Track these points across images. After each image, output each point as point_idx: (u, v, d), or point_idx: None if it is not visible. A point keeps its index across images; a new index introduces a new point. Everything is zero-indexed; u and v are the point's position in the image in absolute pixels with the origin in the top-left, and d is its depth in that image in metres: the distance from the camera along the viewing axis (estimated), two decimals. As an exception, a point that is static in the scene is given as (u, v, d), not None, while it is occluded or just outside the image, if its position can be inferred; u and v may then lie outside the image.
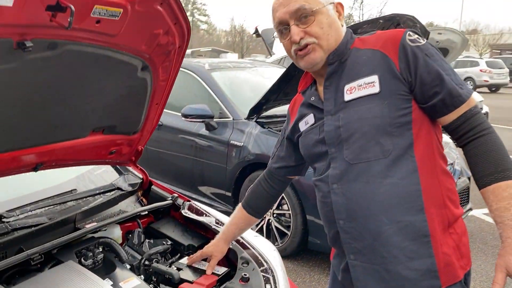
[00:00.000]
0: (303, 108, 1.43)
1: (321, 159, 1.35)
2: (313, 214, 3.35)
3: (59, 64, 1.31)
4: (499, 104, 14.85)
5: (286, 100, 3.94)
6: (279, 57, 8.89)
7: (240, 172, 3.85)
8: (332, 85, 1.31)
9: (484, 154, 1.19)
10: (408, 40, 1.21)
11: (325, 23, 1.27)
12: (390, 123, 1.20)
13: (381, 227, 1.22)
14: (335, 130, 1.28)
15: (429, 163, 1.24)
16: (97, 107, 1.62)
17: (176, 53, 1.68)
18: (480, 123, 1.21)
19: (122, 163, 2.06)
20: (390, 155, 1.21)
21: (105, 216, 1.90)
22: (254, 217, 1.69)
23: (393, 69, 1.21)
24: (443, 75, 1.20)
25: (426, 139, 1.24)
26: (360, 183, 1.24)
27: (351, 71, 1.28)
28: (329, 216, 1.33)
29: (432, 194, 1.22)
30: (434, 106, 1.21)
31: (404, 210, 1.21)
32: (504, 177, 1.15)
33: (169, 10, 1.45)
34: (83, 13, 1.18)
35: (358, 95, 1.24)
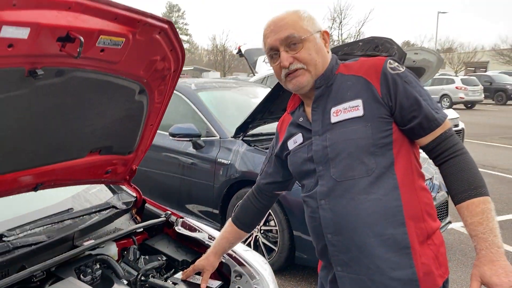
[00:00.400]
0: (292, 128, 1.53)
1: (309, 177, 1.44)
2: (299, 230, 3.44)
3: (64, 90, 1.40)
4: (475, 120, 15.30)
5: (271, 119, 4.06)
6: (262, 76, 9.06)
7: (227, 190, 3.93)
8: (319, 108, 1.41)
9: (458, 172, 1.29)
10: (389, 68, 1.33)
11: (312, 50, 1.37)
12: (373, 143, 1.31)
13: (365, 240, 1.32)
14: (323, 150, 1.37)
15: (409, 180, 1.35)
16: (96, 128, 1.70)
17: (171, 77, 1.78)
18: (454, 144, 1.32)
19: (117, 182, 2.13)
20: (373, 173, 1.31)
21: (102, 234, 1.96)
22: (243, 231, 1.76)
23: (375, 95, 1.32)
24: (421, 100, 1.31)
25: (405, 158, 1.35)
26: (346, 199, 1.33)
27: (337, 94, 1.38)
28: (318, 230, 1.42)
29: (411, 209, 1.33)
30: (412, 128, 1.33)
31: (386, 224, 1.31)
32: (477, 194, 1.26)
33: (166, 39, 1.56)
34: (90, 43, 1.28)
35: (344, 118, 1.35)
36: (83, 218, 1.99)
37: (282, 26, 1.37)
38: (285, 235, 3.52)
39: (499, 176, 7.42)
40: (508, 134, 12.31)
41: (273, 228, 3.63)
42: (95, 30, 1.26)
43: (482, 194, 1.27)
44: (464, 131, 7.59)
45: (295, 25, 1.37)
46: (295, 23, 1.37)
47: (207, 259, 1.75)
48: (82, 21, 1.21)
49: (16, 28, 1.06)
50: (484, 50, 47.99)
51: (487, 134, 12.05)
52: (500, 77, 26.18)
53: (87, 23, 1.23)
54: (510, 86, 24.26)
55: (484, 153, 9.20)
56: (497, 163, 8.33)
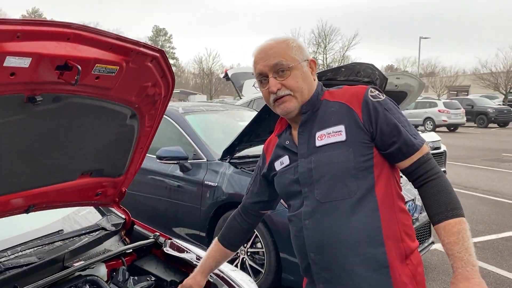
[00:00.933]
0: (279, 150, 1.60)
1: (295, 197, 1.51)
2: (286, 252, 3.48)
3: (60, 115, 1.46)
4: (458, 143, 15.62)
5: (257, 142, 4.14)
6: (249, 100, 9.19)
7: (214, 212, 3.96)
8: (305, 132, 1.48)
9: (435, 195, 1.37)
10: (370, 96, 1.42)
11: (299, 78, 1.45)
12: (355, 167, 1.38)
13: (346, 259, 1.39)
14: (308, 172, 1.44)
15: (388, 202, 1.42)
16: (88, 151, 1.76)
17: (161, 102, 1.86)
18: (432, 168, 1.40)
19: (107, 204, 2.18)
20: (355, 195, 1.38)
21: (91, 255, 1.99)
22: (229, 250, 1.79)
23: (357, 121, 1.40)
24: (400, 127, 1.39)
25: (386, 181, 1.43)
26: (329, 219, 1.41)
27: (322, 120, 1.46)
28: (302, 249, 1.49)
29: (390, 230, 1.40)
30: (392, 153, 1.40)
31: (366, 244, 1.38)
32: (452, 215, 1.34)
33: (157, 66, 1.64)
34: (86, 71, 1.36)
35: (328, 142, 1.42)
36: (73, 240, 2.03)
37: (271, 54, 1.45)
38: (271, 257, 3.56)
39: (480, 197, 7.58)
40: (489, 156, 12.60)
41: (260, 250, 3.67)
42: (91, 59, 1.34)
43: (458, 215, 1.34)
44: (446, 154, 7.76)
45: (283, 53, 1.44)
46: (284, 52, 1.44)
47: (194, 278, 1.77)
48: (79, 51, 1.30)
49: (19, 58, 1.14)
50: (466, 74, 49.26)
51: (469, 156, 12.31)
52: (481, 100, 26.89)
53: (84, 52, 1.31)
54: (491, 110, 24.90)
55: (466, 175, 9.39)
56: (479, 185, 8.51)
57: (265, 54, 1.47)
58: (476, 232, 5.55)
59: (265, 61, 1.46)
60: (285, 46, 1.46)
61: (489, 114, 24.69)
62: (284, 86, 1.45)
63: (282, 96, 1.46)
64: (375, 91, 1.44)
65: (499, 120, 24.68)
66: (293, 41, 1.49)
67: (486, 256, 4.74)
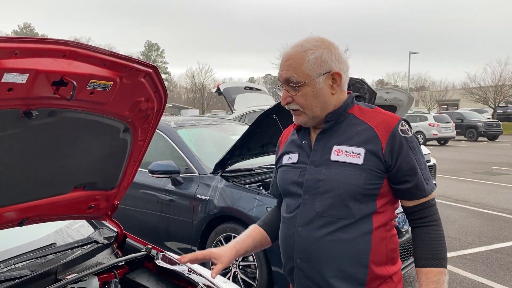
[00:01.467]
0: (292, 146, 1.59)
1: (293, 198, 1.52)
2: (278, 265, 3.50)
3: (55, 129, 1.50)
4: (448, 156, 15.78)
5: (249, 155, 4.19)
6: (240, 114, 9.26)
7: (206, 226, 3.98)
8: (323, 140, 1.48)
9: (428, 241, 1.43)
10: (400, 130, 1.41)
11: (310, 95, 1.43)
12: (361, 192, 1.40)
13: (329, 273, 1.43)
14: (315, 182, 1.45)
15: (383, 229, 1.45)
16: (81, 165, 1.79)
17: (154, 117, 1.90)
18: (432, 214, 1.46)
19: (99, 217, 2.20)
20: (353, 217, 1.41)
21: (84, 268, 2.00)
22: (268, 237, 1.71)
23: (379, 150, 1.40)
24: (418, 169, 1.42)
25: (385, 210, 1.46)
26: (322, 233, 1.43)
27: (344, 134, 1.45)
28: (289, 252, 1.52)
29: (378, 254, 1.43)
30: (401, 190, 1.44)
31: (352, 263, 1.41)
32: (438, 265, 1.41)
33: (150, 81, 1.69)
34: (81, 86, 1.40)
35: (343, 160, 1.42)
36: (65, 253, 2.04)
37: (287, 66, 1.43)
38: (263, 271, 3.58)
39: (470, 209, 7.66)
40: (479, 169, 12.74)
41: (252, 264, 3.68)
42: (87, 75, 1.39)
43: (442, 266, 1.41)
44: (436, 167, 7.85)
45: (297, 68, 1.41)
46: (298, 67, 1.41)
47: (226, 251, 1.61)
48: (75, 67, 1.34)
49: (17, 74, 1.18)
50: (455, 88, 49.91)
51: (459, 170, 12.44)
52: (471, 114, 27.27)
53: (79, 68, 1.35)
54: (480, 123, 25.25)
55: (456, 188, 9.49)
56: (469, 198, 8.60)
57: (282, 63, 1.46)
58: (467, 244, 5.61)
59: (281, 71, 1.46)
60: (300, 59, 1.41)
61: (478, 127, 25.02)
62: (294, 101, 1.46)
63: (293, 109, 1.48)
64: (405, 125, 1.44)
65: (489, 134, 25.01)
66: (314, 51, 1.42)
67: (476, 268, 4.78)
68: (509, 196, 8.83)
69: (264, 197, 3.68)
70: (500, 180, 10.79)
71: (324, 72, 1.42)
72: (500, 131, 25.48)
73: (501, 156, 16.56)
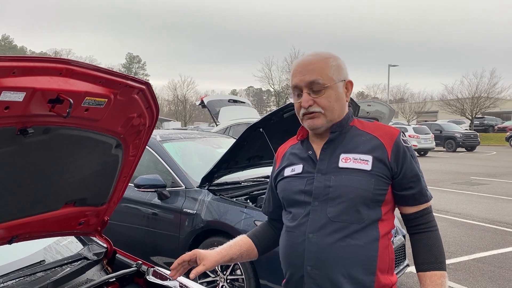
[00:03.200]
0: (294, 158, 1.63)
1: (299, 207, 1.54)
2: (266, 278, 3.50)
3: (49, 146, 1.50)
4: (428, 167, 16.02)
5: (236, 168, 4.21)
6: (225, 127, 9.29)
7: (193, 240, 3.96)
8: (329, 149, 1.54)
9: (429, 246, 1.50)
10: (402, 140, 1.52)
11: (333, 98, 1.50)
12: (370, 197, 1.46)
13: (340, 280, 1.45)
14: (324, 188, 1.49)
15: (386, 236, 1.50)
16: (73, 181, 1.79)
17: (145, 132, 1.92)
18: (431, 220, 1.54)
19: (89, 233, 2.18)
20: (363, 222, 1.46)
21: (74, 285, 1.98)
22: (256, 249, 1.72)
23: (385, 157, 1.48)
24: (420, 176, 1.52)
25: (387, 217, 1.53)
26: (333, 238, 1.46)
27: (349, 143, 1.53)
28: (297, 261, 1.52)
29: (383, 261, 1.48)
30: (405, 196, 1.51)
31: (361, 270, 1.45)
32: (440, 268, 1.48)
33: (143, 98, 1.71)
34: (76, 103, 1.41)
35: (352, 166, 1.48)
36: (55, 270, 2.02)
37: (310, 70, 1.49)
38: (251, 284, 3.57)
39: (451, 220, 7.80)
40: (458, 179, 12.98)
41: (239, 277, 3.67)
42: (82, 92, 1.40)
43: (443, 269, 1.48)
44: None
45: (321, 72, 1.48)
46: (322, 70, 1.49)
47: (211, 254, 1.63)
48: (70, 85, 1.35)
49: (14, 92, 1.18)
50: (433, 100, 50.93)
51: (439, 180, 12.66)
52: (449, 125, 27.86)
53: (75, 86, 1.36)
54: (458, 134, 25.79)
55: (437, 198, 9.64)
56: (449, 208, 8.75)
57: (303, 68, 1.51)
58: (449, 254, 5.70)
59: (302, 76, 1.50)
60: (324, 64, 1.50)
61: (457, 138, 25.55)
62: (316, 103, 1.49)
63: (312, 112, 1.50)
64: (405, 136, 1.55)
65: (467, 145, 25.56)
66: (334, 59, 1.52)
67: (459, 277, 4.86)
68: (487, 206, 9.02)
69: (252, 210, 3.69)
70: (479, 190, 11.02)
71: (342, 79, 1.53)
72: (477, 142, 26.07)
73: (479, 166, 16.93)
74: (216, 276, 3.82)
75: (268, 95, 70.98)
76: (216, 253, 1.64)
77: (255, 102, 71.83)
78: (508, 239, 6.46)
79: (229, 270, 3.72)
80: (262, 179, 4.63)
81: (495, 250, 5.89)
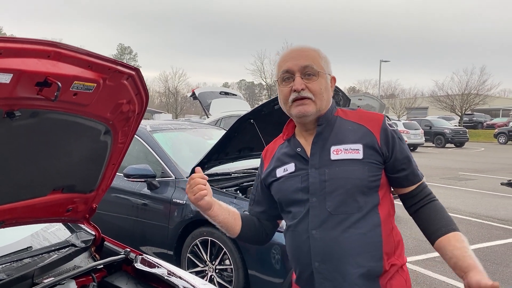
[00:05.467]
0: (284, 156, 1.62)
1: (299, 205, 1.55)
2: (254, 269, 3.52)
3: (36, 130, 1.49)
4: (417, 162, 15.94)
5: (226, 159, 4.21)
6: (216, 119, 9.27)
7: (182, 230, 3.96)
8: (319, 143, 1.54)
9: (438, 213, 1.52)
10: (388, 124, 1.54)
11: (323, 86, 1.53)
12: (366, 185, 1.48)
13: (349, 270, 1.46)
14: (320, 183, 1.50)
15: (388, 220, 1.52)
16: (61, 167, 1.78)
17: (135, 119, 1.90)
18: (429, 193, 1.57)
19: (77, 220, 2.17)
20: (362, 210, 1.48)
21: (61, 272, 1.98)
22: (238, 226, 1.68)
23: (375, 143, 1.50)
24: (410, 157, 1.56)
25: (386, 201, 1.54)
26: (337, 231, 1.47)
27: (338, 135, 1.54)
28: (305, 259, 1.53)
29: (388, 245, 1.50)
30: (398, 178, 1.54)
31: (367, 256, 1.47)
32: (456, 229, 1.49)
33: (133, 84, 1.69)
34: (65, 87, 1.39)
35: (344, 157, 1.49)
36: (42, 256, 2.01)
37: (304, 56, 1.52)
38: (240, 274, 3.59)
39: (439, 214, 7.87)
40: (447, 175, 13.12)
41: (228, 267, 3.69)
42: (71, 76, 1.38)
43: (459, 230, 1.50)
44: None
45: (314, 59, 1.52)
46: (315, 58, 1.53)
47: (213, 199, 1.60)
48: (59, 68, 1.33)
49: (0, 74, 1.17)
50: (424, 96, 51.22)
51: (428, 175, 12.76)
52: (439, 121, 28.08)
53: (63, 69, 1.35)
54: (448, 130, 26.03)
55: (425, 193, 9.73)
56: (438, 202, 8.84)
57: (297, 54, 1.53)
58: (436, 247, 5.76)
59: (296, 61, 1.51)
60: (316, 54, 1.54)
61: (446, 134, 25.78)
62: (308, 89, 1.50)
63: (303, 97, 1.50)
64: (389, 120, 1.56)
65: (456, 141, 25.81)
66: (322, 53, 1.57)
67: (445, 270, 4.92)
68: (475, 200, 9.13)
69: (241, 201, 3.70)
70: (466, 185, 11.15)
71: (329, 72, 1.57)
72: (466, 138, 26.33)
73: (467, 162, 17.10)
74: (205, 266, 3.83)
75: (260, 89, 70.95)
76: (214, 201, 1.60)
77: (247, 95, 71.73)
78: (494, 233, 6.55)
79: (218, 260, 3.73)
80: (253, 171, 4.63)
81: (481, 243, 5.97)
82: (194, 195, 1.53)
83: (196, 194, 1.53)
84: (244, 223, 1.70)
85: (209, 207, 1.57)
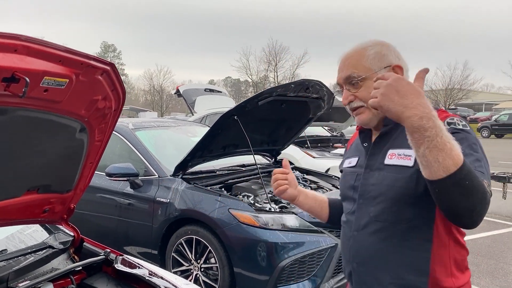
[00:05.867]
0: (355, 149, 1.59)
1: (349, 202, 1.52)
2: (240, 267, 3.48)
3: (6, 128, 1.42)
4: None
5: (210, 157, 4.15)
6: (201, 116, 9.20)
7: (166, 229, 3.91)
8: (380, 144, 1.45)
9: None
10: (455, 129, 1.28)
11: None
12: (415, 195, 1.31)
13: (386, 280, 1.39)
14: (368, 186, 1.43)
15: (445, 236, 1.35)
16: (35, 166, 1.71)
17: (112, 116, 1.85)
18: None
19: (54, 221, 2.11)
20: (409, 222, 1.33)
21: (38, 275, 1.92)
22: (324, 215, 1.74)
23: None
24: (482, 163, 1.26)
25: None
26: (377, 238, 1.39)
27: (398, 138, 1.38)
28: (347, 256, 1.51)
29: (440, 262, 1.35)
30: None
31: (409, 270, 1.35)
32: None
33: (108, 79, 1.64)
34: (34, 83, 1.33)
35: (395, 163, 1.36)
36: (17, 259, 1.94)
37: (346, 65, 1.44)
38: (225, 272, 3.55)
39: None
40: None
41: (214, 266, 3.65)
42: (40, 71, 1.32)
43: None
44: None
45: (357, 64, 1.41)
46: (357, 62, 1.41)
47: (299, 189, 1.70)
48: (27, 63, 1.28)
49: (-37, 69, 1.11)
50: (408, 91, 51.60)
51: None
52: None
53: (32, 64, 1.29)
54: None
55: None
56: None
57: (342, 64, 1.46)
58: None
59: (340, 72, 1.46)
60: (359, 55, 1.42)
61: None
62: (357, 98, 1.42)
63: (356, 108, 1.44)
64: (463, 121, 1.33)
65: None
66: (373, 47, 1.43)
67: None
68: (459, 194, 9.22)
69: (226, 199, 3.66)
70: (451, 179, 11.26)
71: (385, 65, 1.41)
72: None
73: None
74: (190, 265, 3.78)
75: (246, 86, 70.82)
76: (299, 191, 1.70)
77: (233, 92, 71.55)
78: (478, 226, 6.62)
79: (203, 258, 3.69)
80: (237, 168, 4.59)
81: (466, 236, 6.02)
82: (275, 190, 1.65)
83: (276, 189, 1.64)
84: (332, 209, 1.74)
85: (293, 198, 1.69)
